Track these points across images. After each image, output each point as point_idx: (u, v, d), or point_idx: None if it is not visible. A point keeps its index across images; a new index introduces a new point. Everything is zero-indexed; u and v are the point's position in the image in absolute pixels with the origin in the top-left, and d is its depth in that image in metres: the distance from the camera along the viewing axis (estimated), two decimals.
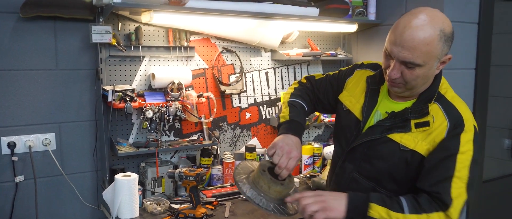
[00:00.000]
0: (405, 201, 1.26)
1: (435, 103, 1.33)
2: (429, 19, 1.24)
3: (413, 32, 1.22)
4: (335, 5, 2.24)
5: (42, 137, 1.90)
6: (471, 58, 2.30)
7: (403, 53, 1.24)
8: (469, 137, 1.27)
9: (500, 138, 3.08)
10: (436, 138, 1.29)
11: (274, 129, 2.53)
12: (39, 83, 1.88)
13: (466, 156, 1.25)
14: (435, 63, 1.27)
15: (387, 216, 1.24)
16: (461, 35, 2.21)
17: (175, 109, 2.02)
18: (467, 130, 1.28)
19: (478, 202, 2.45)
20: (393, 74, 1.28)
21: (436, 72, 1.33)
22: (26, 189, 1.89)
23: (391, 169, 1.36)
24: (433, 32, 1.22)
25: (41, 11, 1.79)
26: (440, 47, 1.24)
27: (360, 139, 1.42)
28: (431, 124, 1.30)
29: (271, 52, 2.45)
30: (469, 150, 1.26)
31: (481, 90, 2.35)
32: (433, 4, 2.15)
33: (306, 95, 1.67)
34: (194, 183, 1.75)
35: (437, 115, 1.31)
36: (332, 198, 1.29)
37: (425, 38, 1.22)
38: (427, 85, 1.34)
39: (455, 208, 1.22)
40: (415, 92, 1.35)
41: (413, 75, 1.27)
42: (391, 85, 1.35)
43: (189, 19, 1.96)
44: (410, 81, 1.29)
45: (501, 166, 3.03)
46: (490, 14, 2.33)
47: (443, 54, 1.27)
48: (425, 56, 1.23)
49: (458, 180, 1.24)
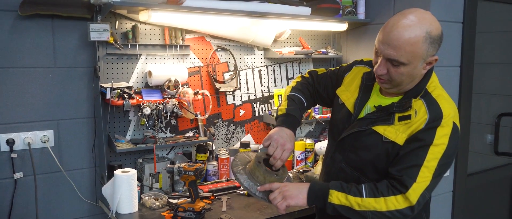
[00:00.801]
0: (364, 186, 1.35)
1: (420, 99, 1.38)
2: (417, 21, 1.28)
3: (400, 31, 1.27)
4: (326, 5, 2.31)
5: (41, 134, 1.92)
6: (456, 55, 2.40)
7: (388, 51, 1.30)
8: (445, 132, 1.32)
9: (483, 134, 3.19)
10: (414, 130, 1.34)
11: (267, 126, 2.59)
12: (37, 80, 1.90)
13: (438, 149, 1.31)
14: (419, 63, 1.32)
15: (346, 201, 1.33)
16: (446, 34, 2.27)
17: (172, 106, 2.06)
18: (444, 125, 1.32)
19: (463, 194, 2.55)
20: (379, 70, 1.35)
21: (422, 72, 1.37)
22: (25, 186, 1.91)
23: (374, 160, 1.42)
24: (419, 33, 1.27)
25: (40, 9, 1.82)
26: (425, 48, 1.29)
27: (348, 131, 1.48)
28: (413, 117, 1.35)
29: (264, 50, 2.50)
30: (443, 143, 1.31)
31: (466, 87, 2.45)
32: (420, 4, 2.24)
33: (306, 90, 1.72)
34: (193, 177, 1.79)
35: (419, 110, 1.36)
36: (294, 187, 1.41)
37: (410, 38, 1.26)
38: (414, 83, 1.39)
39: (415, 191, 1.29)
40: (402, 89, 1.40)
41: (398, 72, 1.32)
42: (379, 81, 1.41)
43: (186, 18, 2.01)
44: (395, 78, 1.34)
45: (484, 161, 3.15)
46: (474, 13, 2.42)
47: (428, 55, 1.31)
48: (409, 55, 1.28)
49: (426, 170, 1.30)
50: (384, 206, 1.31)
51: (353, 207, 1.33)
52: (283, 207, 1.39)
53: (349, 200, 1.34)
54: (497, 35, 3.08)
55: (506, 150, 3.02)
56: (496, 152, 2.97)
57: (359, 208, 1.33)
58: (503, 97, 3.14)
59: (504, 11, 2.95)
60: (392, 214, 1.31)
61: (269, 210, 1.91)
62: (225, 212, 1.87)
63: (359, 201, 1.33)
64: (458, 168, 2.48)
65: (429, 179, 1.30)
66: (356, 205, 1.33)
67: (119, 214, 1.85)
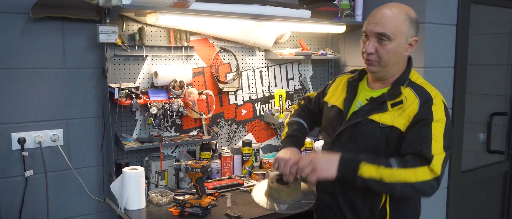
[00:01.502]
0: (393, 159, 1.42)
1: (407, 87, 1.52)
2: (396, 5, 1.51)
3: (384, 11, 1.49)
4: (325, 8, 2.39)
5: (51, 133, 1.98)
6: (450, 57, 2.49)
7: (376, 28, 1.46)
8: (439, 108, 1.46)
9: (476, 133, 3.29)
10: (410, 114, 1.46)
11: (267, 125, 2.67)
12: (47, 81, 1.96)
13: (440, 124, 1.43)
14: (403, 40, 1.47)
15: (377, 174, 1.38)
16: (441, 36, 2.40)
17: (178, 106, 2.13)
18: (436, 103, 1.46)
19: (457, 191, 2.64)
20: (369, 48, 1.48)
21: (405, 54, 1.52)
22: (35, 183, 1.96)
23: (374, 146, 1.51)
24: (399, 12, 1.47)
25: (51, 12, 1.88)
26: (406, 26, 1.47)
27: (346, 124, 1.58)
28: (404, 102, 1.48)
29: (265, 52, 2.58)
30: (441, 118, 1.45)
31: (459, 87, 2.54)
32: (415, 9, 2.30)
33: (302, 112, 1.89)
34: (200, 174, 1.86)
35: (409, 96, 1.49)
36: (324, 160, 1.46)
37: (393, 14, 1.47)
38: (398, 68, 1.54)
39: (437, 162, 1.39)
40: (389, 72, 1.53)
41: (385, 49, 1.46)
42: (368, 64, 1.53)
43: (191, 21, 2.08)
44: (383, 56, 1.48)
45: (477, 159, 3.24)
46: (467, 16, 2.52)
47: (410, 35, 1.49)
48: (394, 29, 1.45)
49: (437, 143, 1.41)
50: (413, 177, 1.37)
51: (384, 179, 1.37)
52: (313, 180, 1.45)
53: (380, 173, 1.38)
54: (488, 37, 3.18)
55: (498, 148, 3.11)
56: (489, 150, 3.07)
57: (390, 180, 1.37)
58: (495, 97, 3.24)
59: (495, 13, 3.05)
60: (421, 186, 1.38)
61: None
62: (230, 208, 1.94)
63: (390, 172, 1.38)
64: (453, 166, 2.57)
65: (442, 151, 1.41)
66: (387, 177, 1.38)
67: (128, 210, 1.91)
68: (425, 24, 2.29)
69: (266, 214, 1.88)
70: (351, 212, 1.57)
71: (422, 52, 2.31)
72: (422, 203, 2.39)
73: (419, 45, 2.29)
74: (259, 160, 2.53)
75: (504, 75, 3.13)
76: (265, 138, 2.68)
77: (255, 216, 1.86)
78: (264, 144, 2.67)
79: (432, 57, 2.35)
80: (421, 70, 2.32)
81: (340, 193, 1.60)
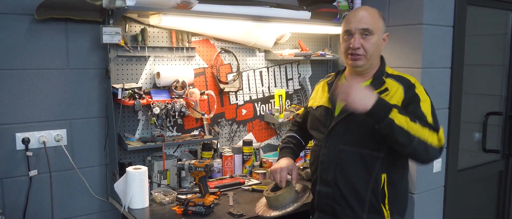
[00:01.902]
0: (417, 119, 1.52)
1: (388, 78, 1.70)
2: (369, 7, 1.72)
3: (362, 11, 1.69)
4: (325, 9, 2.43)
5: (54, 133, 2.00)
6: (447, 58, 2.53)
7: (360, 25, 1.65)
8: (422, 91, 1.65)
9: (471, 132, 3.34)
10: (398, 99, 1.62)
11: (267, 125, 2.70)
12: (51, 81, 1.98)
13: (426, 103, 1.62)
14: (380, 35, 1.68)
15: (405, 122, 1.48)
16: (438, 37, 2.44)
17: (180, 106, 2.15)
18: (418, 87, 1.66)
19: (454, 189, 2.68)
20: (356, 44, 1.65)
21: (381, 48, 1.72)
22: (39, 183, 1.98)
23: (369, 133, 1.61)
24: (374, 11, 1.69)
25: (55, 13, 1.90)
26: (381, 22, 1.69)
27: (338, 118, 1.69)
28: (390, 90, 1.65)
29: (265, 52, 2.61)
30: (426, 98, 1.64)
31: (456, 88, 2.58)
32: (413, 10, 2.37)
33: (294, 126, 2.10)
34: (203, 173, 1.89)
35: (391, 85, 1.67)
36: (360, 92, 1.47)
37: (370, 13, 1.68)
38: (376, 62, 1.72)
39: (442, 133, 1.57)
40: (371, 65, 1.70)
41: (370, 43, 1.65)
42: (354, 59, 1.67)
43: (193, 22, 2.11)
44: (369, 49, 1.65)
45: (472, 158, 3.29)
46: (463, 18, 2.56)
47: (383, 31, 1.70)
48: (375, 24, 1.65)
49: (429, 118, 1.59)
50: (430, 138, 1.52)
51: (409, 130, 1.47)
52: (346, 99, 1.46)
53: (407, 123, 1.48)
54: (483, 37, 3.23)
55: (493, 148, 3.16)
56: (484, 149, 3.11)
57: (413, 132, 1.48)
58: (490, 97, 3.29)
59: (490, 15, 3.10)
60: (432, 149, 1.53)
61: None
62: (232, 206, 1.97)
63: (416, 126, 1.49)
64: (450, 164, 2.62)
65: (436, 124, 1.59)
66: (411, 130, 1.48)
67: (131, 209, 1.93)
68: (423, 25, 2.33)
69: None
70: (355, 199, 1.66)
71: (419, 53, 2.35)
72: (418, 202, 2.46)
73: (417, 46, 2.35)
74: (259, 159, 2.57)
75: (499, 75, 3.18)
76: (265, 137, 2.71)
77: (257, 214, 1.89)
78: (264, 144, 2.70)
79: (429, 58, 2.39)
80: (418, 70, 2.36)
81: (343, 183, 1.67)
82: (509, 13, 3.05)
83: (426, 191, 2.51)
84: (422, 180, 2.47)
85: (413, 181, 2.45)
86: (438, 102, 2.52)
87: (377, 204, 1.64)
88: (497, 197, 3.21)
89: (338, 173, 1.65)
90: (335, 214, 1.71)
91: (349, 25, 1.68)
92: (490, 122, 3.13)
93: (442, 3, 2.43)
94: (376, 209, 1.64)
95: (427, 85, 2.36)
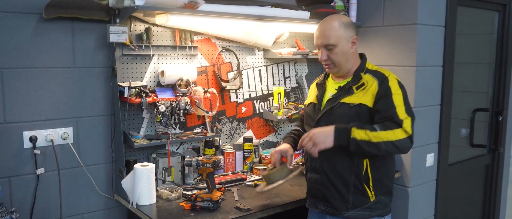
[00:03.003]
0: (377, 124, 1.74)
1: (366, 74, 1.85)
2: (330, 18, 1.87)
3: (322, 26, 1.86)
4: (324, 9, 2.50)
5: (61, 131, 2.02)
6: (439, 56, 2.64)
7: (320, 40, 1.85)
8: (394, 84, 1.79)
9: (459, 128, 3.47)
10: (373, 92, 1.79)
11: (266, 122, 2.76)
12: (57, 80, 1.99)
13: (398, 96, 1.77)
14: (345, 42, 1.82)
15: (365, 135, 1.70)
16: (431, 36, 2.54)
17: (185, 104, 2.19)
18: (391, 80, 1.80)
19: (445, 182, 2.80)
20: (322, 57, 1.86)
21: (352, 50, 1.85)
22: (47, 181, 2.00)
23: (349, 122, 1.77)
24: (333, 23, 1.83)
25: (63, 13, 1.91)
26: (343, 31, 1.81)
27: (322, 111, 1.89)
28: (366, 84, 1.82)
29: (264, 51, 2.67)
30: (398, 91, 1.78)
31: (447, 85, 2.69)
32: (407, 10, 2.46)
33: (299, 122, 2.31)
34: (211, 169, 1.94)
35: (368, 79, 1.83)
36: (321, 134, 1.74)
37: (328, 26, 1.83)
38: (351, 61, 1.87)
39: (406, 124, 1.72)
40: (345, 69, 1.87)
41: (334, 53, 1.82)
42: (326, 67, 1.91)
43: (199, 21, 2.14)
44: (335, 60, 1.83)
45: (460, 153, 3.41)
46: (454, 17, 2.67)
47: (349, 36, 1.83)
48: (335, 38, 1.81)
49: (400, 109, 1.74)
50: (394, 136, 1.70)
51: (371, 139, 1.69)
52: (315, 152, 1.74)
53: (367, 134, 1.69)
54: (471, 37, 3.36)
55: (480, 143, 3.30)
56: (472, 144, 3.24)
57: (376, 140, 1.69)
58: (477, 94, 3.42)
59: (477, 15, 3.22)
60: (400, 143, 1.70)
61: (278, 199, 2.08)
62: (238, 201, 2.03)
63: (376, 134, 1.69)
64: (441, 159, 2.73)
65: (407, 116, 1.74)
66: (373, 138, 1.69)
67: (139, 205, 1.97)
68: (417, 25, 2.43)
69: (274, 206, 1.98)
70: (341, 183, 1.85)
71: (414, 52, 2.45)
72: (413, 195, 2.56)
73: (411, 45, 2.45)
74: (259, 155, 2.62)
75: (486, 73, 3.31)
76: (264, 134, 2.77)
77: (263, 208, 1.96)
78: (263, 140, 2.76)
79: (423, 57, 2.49)
80: (413, 69, 2.46)
81: (329, 169, 1.87)
82: (495, 14, 3.17)
83: (419, 184, 2.62)
84: (416, 174, 2.57)
85: (407, 176, 2.55)
86: (431, 99, 2.63)
87: (360, 186, 1.83)
88: (483, 189, 3.35)
89: (324, 160, 1.85)
90: (324, 197, 1.89)
91: (315, 41, 1.89)
92: (477, 118, 3.26)
93: (434, 3, 2.54)
94: (360, 190, 1.83)
95: (420, 83, 2.48)
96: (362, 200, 1.84)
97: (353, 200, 1.84)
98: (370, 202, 1.84)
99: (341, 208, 1.85)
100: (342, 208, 1.85)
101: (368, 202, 1.84)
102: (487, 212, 3.37)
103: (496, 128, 3.27)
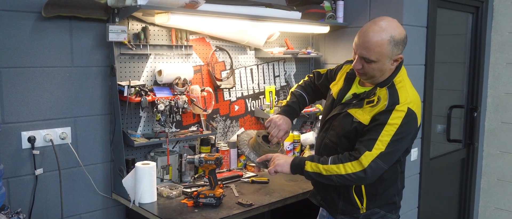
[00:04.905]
0: (330, 157, 1.71)
1: (385, 89, 1.69)
2: (384, 27, 1.61)
3: (370, 36, 1.60)
4: (314, 10, 2.58)
5: (59, 131, 2.00)
6: (421, 55, 2.77)
7: (361, 51, 1.64)
8: (399, 115, 1.62)
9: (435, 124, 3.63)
10: (377, 113, 1.66)
11: (257, 120, 2.81)
12: (56, 79, 1.97)
13: (391, 128, 1.62)
14: (387, 60, 1.63)
15: (316, 167, 1.70)
16: (414, 37, 2.67)
17: (183, 102, 2.22)
18: (398, 109, 1.63)
19: (427, 175, 2.94)
20: (356, 65, 1.69)
21: (391, 67, 1.68)
22: (45, 181, 1.97)
23: (346, 135, 1.75)
24: (385, 37, 1.59)
25: (62, 11, 1.89)
26: (390, 49, 1.61)
27: (331, 113, 1.84)
28: (375, 102, 1.68)
29: (255, 51, 2.72)
30: (395, 123, 1.62)
31: (429, 83, 2.83)
32: (393, 11, 2.57)
33: (309, 87, 2.12)
34: (213, 166, 1.97)
35: (383, 97, 1.67)
36: (283, 159, 1.82)
37: (377, 41, 1.59)
38: (385, 76, 1.70)
39: (367, 157, 1.62)
40: (376, 80, 1.71)
41: (370, 68, 1.65)
42: (357, 73, 1.74)
43: (197, 21, 2.17)
44: (368, 72, 1.67)
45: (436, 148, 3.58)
46: (434, 19, 2.82)
47: (394, 54, 1.63)
48: (377, 55, 1.61)
49: (380, 143, 1.62)
50: (343, 170, 1.65)
51: (322, 172, 1.69)
52: (272, 171, 1.81)
53: (318, 167, 1.70)
54: (447, 37, 3.53)
55: (456, 138, 3.48)
56: (448, 139, 3.41)
57: (326, 173, 1.68)
58: (453, 92, 3.60)
59: (452, 16, 3.39)
60: (350, 176, 1.65)
61: (276, 194, 2.14)
62: (239, 197, 2.07)
63: (326, 167, 1.69)
64: (424, 153, 2.87)
65: (381, 150, 1.62)
66: (324, 171, 1.69)
67: (141, 203, 1.98)
68: (403, 26, 2.53)
69: (274, 201, 2.04)
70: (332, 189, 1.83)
71: None
72: None
73: None
74: None
75: (461, 72, 3.50)
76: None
77: (264, 203, 2.01)
78: None
79: (407, 56, 2.58)
80: None
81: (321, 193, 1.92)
82: (469, 15, 3.36)
83: (405, 177, 2.73)
84: None
85: None
86: None
87: (350, 197, 1.79)
88: (460, 181, 3.54)
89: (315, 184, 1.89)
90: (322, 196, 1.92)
91: (355, 43, 1.67)
92: (452, 114, 3.43)
93: (417, 5, 2.67)
94: (350, 200, 1.80)
95: None
96: (352, 209, 1.81)
97: (342, 207, 1.83)
98: (360, 213, 1.80)
99: (332, 211, 1.87)
100: (333, 211, 1.87)
101: (357, 212, 1.80)
102: (463, 202, 3.56)
103: (471, 124, 3.46)
